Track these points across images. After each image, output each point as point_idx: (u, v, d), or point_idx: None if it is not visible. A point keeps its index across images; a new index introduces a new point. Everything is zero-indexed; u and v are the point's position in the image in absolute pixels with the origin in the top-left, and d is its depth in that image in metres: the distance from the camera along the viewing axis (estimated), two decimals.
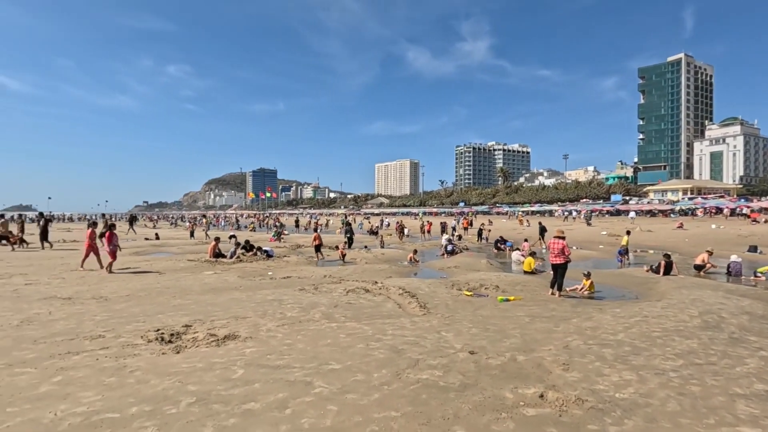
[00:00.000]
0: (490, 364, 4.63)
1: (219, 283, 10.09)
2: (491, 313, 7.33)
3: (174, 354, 4.98)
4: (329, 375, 4.31)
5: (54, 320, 6.45)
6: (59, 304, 7.55)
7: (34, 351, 5.02)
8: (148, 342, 5.40)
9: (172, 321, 6.42)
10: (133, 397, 3.77)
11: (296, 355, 4.94)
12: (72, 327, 6.08)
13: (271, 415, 3.45)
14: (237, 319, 6.53)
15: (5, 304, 7.54)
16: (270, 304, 7.64)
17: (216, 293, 8.84)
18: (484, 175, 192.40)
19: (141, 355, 4.92)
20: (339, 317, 6.78)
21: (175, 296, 8.45)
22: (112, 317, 6.68)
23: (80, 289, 9.00)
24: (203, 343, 5.38)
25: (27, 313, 6.88)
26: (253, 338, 5.58)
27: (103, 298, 8.12)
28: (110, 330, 5.92)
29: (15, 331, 5.83)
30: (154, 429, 3.20)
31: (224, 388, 3.97)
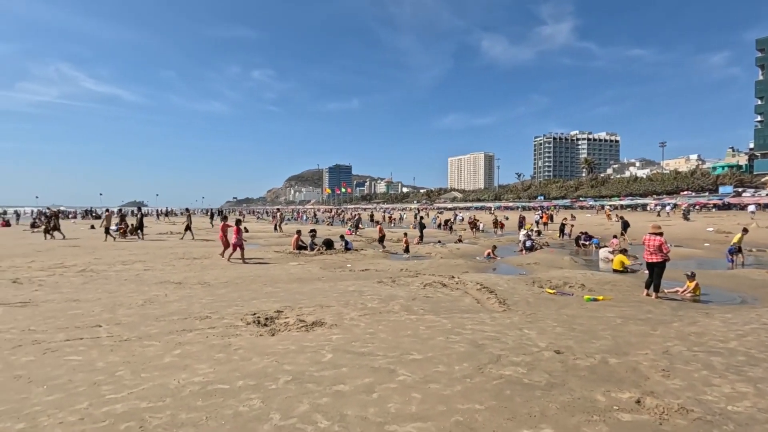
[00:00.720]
0: (578, 365, 4.44)
1: (303, 274, 10.77)
2: (577, 312, 6.96)
3: (269, 336, 5.47)
4: (411, 364, 4.44)
5: (169, 301, 7.40)
6: (172, 288, 8.63)
7: (157, 327, 5.83)
8: (247, 324, 5.98)
9: (266, 306, 7.02)
10: (239, 371, 4.23)
11: (379, 343, 5.15)
12: (184, 308, 6.93)
13: (359, 397, 3.67)
14: (322, 308, 6.95)
15: (131, 286, 8.80)
16: (351, 295, 8.00)
17: (301, 283, 9.46)
18: (565, 166, 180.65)
19: (242, 335, 5.48)
20: (417, 310, 6.90)
21: (266, 284, 9.20)
22: (215, 301, 7.48)
23: (188, 275, 10.17)
24: (294, 328, 5.83)
25: (148, 294, 7.97)
26: (338, 326, 5.92)
27: (206, 284, 9.11)
28: (215, 312, 6.65)
29: (140, 310, 6.80)
30: (258, 401, 3.57)
31: (315, 369, 4.29)
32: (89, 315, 6.43)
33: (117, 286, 8.75)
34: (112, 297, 7.71)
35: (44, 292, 8.07)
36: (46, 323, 5.96)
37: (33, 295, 7.84)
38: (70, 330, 5.63)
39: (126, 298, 7.65)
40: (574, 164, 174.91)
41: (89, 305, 7.05)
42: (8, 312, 6.57)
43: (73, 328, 5.70)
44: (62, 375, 4.13)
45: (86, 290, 8.34)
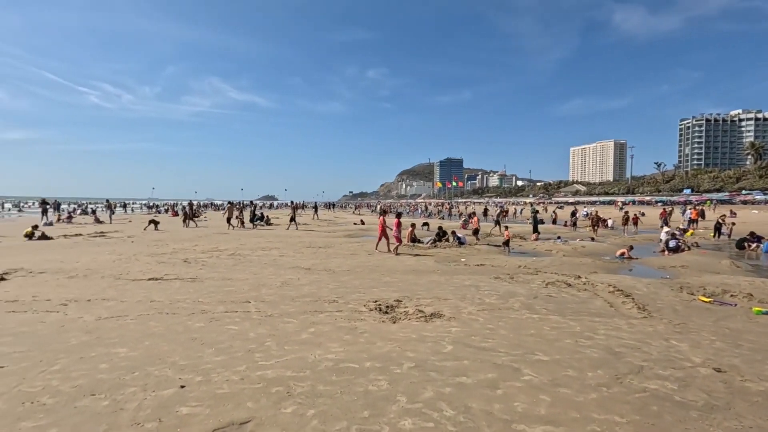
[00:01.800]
0: (749, 389, 3.73)
1: (419, 266, 10.99)
2: (743, 326, 5.84)
3: (391, 323, 5.73)
4: (537, 365, 4.24)
5: (302, 285, 8.24)
6: (303, 273, 9.59)
7: (293, 306, 6.55)
8: (370, 311, 6.35)
9: (385, 295, 7.36)
10: (366, 353, 4.53)
11: (499, 340, 5.02)
12: (314, 291, 7.64)
13: (483, 392, 3.63)
14: (439, 300, 7.02)
15: (270, 269, 10.02)
16: (468, 289, 7.92)
17: (417, 275, 9.67)
18: (722, 153, 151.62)
19: (366, 320, 5.84)
20: (540, 309, 6.53)
21: (384, 274, 9.63)
22: (340, 287, 8.10)
23: (315, 262, 11.18)
24: (413, 317, 6.01)
25: (284, 277, 8.99)
26: (456, 319, 5.92)
27: (331, 271, 9.90)
28: (340, 297, 7.20)
29: (279, 290, 7.71)
30: (385, 383, 3.79)
31: (437, 359, 4.37)
32: (240, 292, 7.51)
33: (259, 269, 10.05)
34: (256, 278, 8.88)
35: (206, 271, 9.67)
36: (210, 296, 7.13)
37: (198, 272, 9.45)
38: (227, 303, 6.65)
39: (267, 279, 8.74)
40: (734, 150, 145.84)
41: (239, 284, 8.23)
42: (183, 285, 8.03)
43: (230, 302, 6.73)
44: (225, 341, 4.91)
45: (236, 271, 9.74)
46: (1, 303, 6.49)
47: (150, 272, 9.37)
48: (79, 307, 6.39)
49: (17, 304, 6.44)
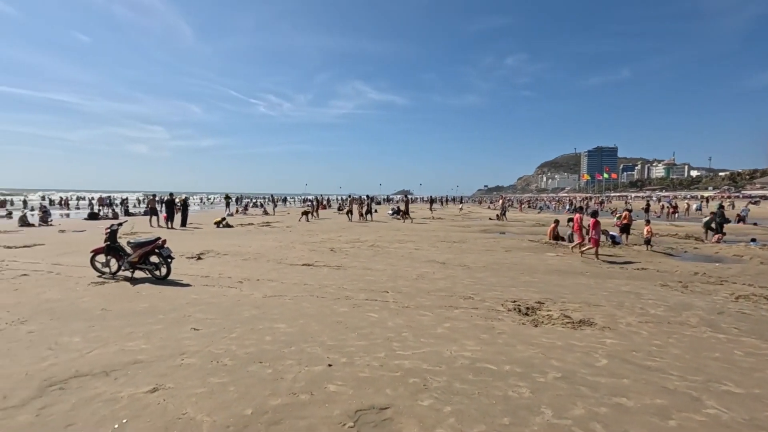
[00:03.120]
0: None
1: (563, 266, 10.02)
2: None
3: (532, 326, 5.32)
4: (726, 397, 3.42)
5: (436, 279, 8.27)
6: (438, 267, 9.62)
7: (428, 300, 6.60)
8: (508, 311, 6.01)
9: (525, 296, 6.88)
10: (504, 356, 4.28)
11: (670, 360, 4.21)
12: (449, 286, 7.59)
13: (648, 419, 3.08)
14: (589, 306, 6.26)
15: (406, 262, 10.32)
16: (626, 296, 6.89)
17: (561, 275, 8.82)
18: None
19: (504, 320, 5.54)
20: (728, 328, 5.29)
21: (523, 273, 9.03)
22: (475, 283, 7.88)
23: (449, 257, 11.13)
24: (558, 322, 5.47)
25: (419, 270, 9.15)
26: (611, 329, 5.19)
27: (466, 267, 9.72)
28: (476, 294, 6.99)
29: (414, 283, 7.87)
30: (527, 391, 3.51)
31: (588, 373, 3.88)
32: (379, 282, 7.91)
33: (396, 260, 10.45)
34: (393, 269, 9.25)
35: (349, 260, 10.47)
36: (352, 284, 7.68)
37: (342, 261, 10.29)
38: (367, 292, 7.07)
39: (403, 271, 9.03)
40: None
41: (378, 274, 8.68)
42: (330, 272, 8.83)
43: (370, 291, 7.13)
44: (366, 327, 5.21)
45: (375, 261, 10.31)
46: (198, 278, 8.08)
47: (303, 258, 10.57)
48: (251, 285, 7.54)
49: (208, 279, 7.94)
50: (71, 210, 38.15)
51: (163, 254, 7.72)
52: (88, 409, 3.17)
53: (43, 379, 3.65)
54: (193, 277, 8.12)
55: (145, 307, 6.01)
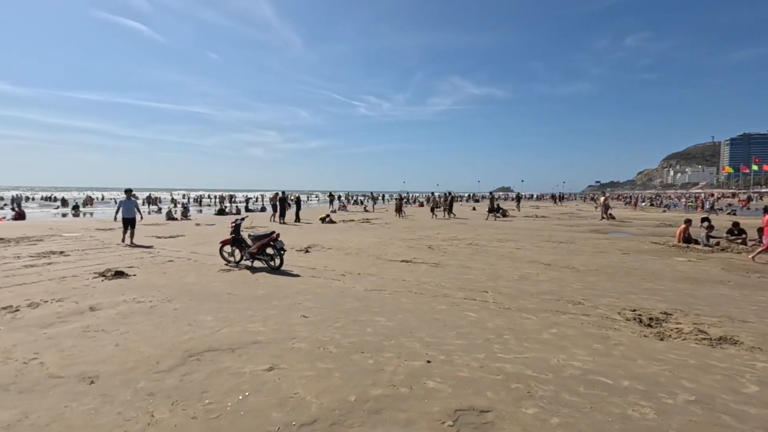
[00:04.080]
0: None
1: (696, 273, 8.66)
2: None
3: (657, 340, 4.69)
4: None
5: (541, 281, 7.77)
6: (542, 268, 9.03)
7: (532, 302, 6.23)
8: (626, 320, 5.39)
9: (647, 305, 6.10)
10: (622, 369, 3.85)
11: None
12: (555, 289, 7.08)
13: None
14: (732, 321, 5.32)
15: (507, 262, 9.89)
16: None
17: (694, 284, 7.63)
18: None
19: (621, 330, 4.99)
20: None
21: (644, 279, 8.02)
22: (586, 288, 7.22)
23: (555, 258, 10.37)
24: (690, 337, 4.74)
25: (521, 271, 8.69)
26: (763, 351, 4.34)
27: (575, 269, 8.96)
28: (587, 299, 6.40)
29: (516, 284, 7.50)
30: (651, 412, 3.11)
31: (732, 399, 3.29)
32: (478, 281, 7.70)
33: (496, 260, 10.06)
34: (493, 269, 8.93)
35: (447, 257, 10.38)
36: (450, 282, 7.60)
37: (440, 258, 10.24)
38: (466, 291, 6.93)
39: (504, 271, 8.66)
40: None
41: (477, 273, 8.45)
42: (428, 269, 8.86)
43: (468, 290, 6.98)
44: (464, 326, 5.12)
45: (474, 260, 10.05)
46: (306, 269, 8.74)
47: (402, 255, 10.76)
48: (353, 278, 7.92)
49: (315, 271, 8.53)
50: (203, 206, 44.17)
51: (277, 247, 8.50)
52: (218, 380, 3.63)
53: (185, 350, 4.28)
54: (302, 268, 8.80)
55: (262, 293, 6.69)
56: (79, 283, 7.16)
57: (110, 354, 4.17)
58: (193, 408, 3.15)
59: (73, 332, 4.77)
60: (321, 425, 2.94)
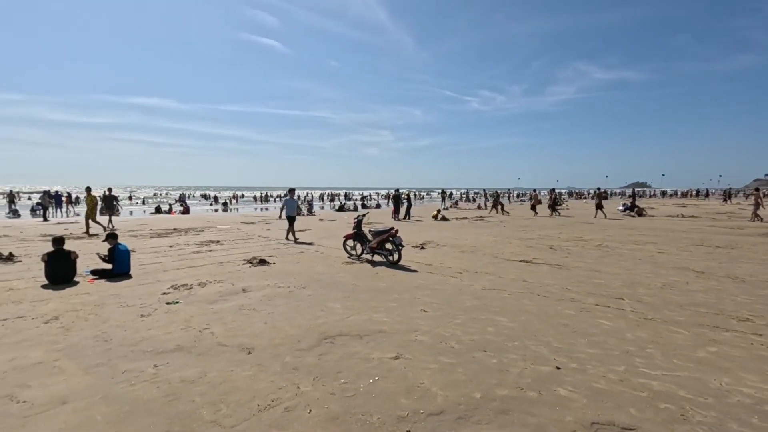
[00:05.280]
0: None
1: None
2: None
3: None
4: None
5: (692, 291, 6.70)
6: (693, 276, 7.78)
7: (682, 315, 5.42)
8: None
9: None
10: None
11: None
12: (712, 302, 6.04)
13: None
14: None
15: (646, 267, 8.74)
16: None
17: None
18: None
19: None
20: None
21: None
22: (755, 302, 6.02)
23: (710, 265, 8.83)
24: None
25: (666, 278, 7.61)
26: None
27: (738, 279, 7.51)
28: (758, 316, 5.34)
29: (659, 292, 6.59)
30: None
31: None
32: (611, 286, 6.97)
33: (632, 265, 8.97)
34: (629, 274, 7.98)
35: (572, 259, 9.59)
36: (578, 286, 7.03)
37: (564, 260, 9.51)
38: (597, 296, 6.34)
39: (643, 277, 7.68)
40: None
41: (609, 277, 7.65)
42: (550, 271, 8.31)
43: (600, 296, 6.38)
44: (598, 334, 4.70)
45: (604, 263, 9.11)
46: (423, 265, 8.92)
47: (520, 254, 10.28)
48: (469, 276, 7.84)
49: (432, 267, 8.66)
50: (325, 203, 47.99)
51: (396, 242, 8.84)
52: (350, 362, 3.95)
53: (320, 333, 4.75)
54: (419, 264, 9.00)
55: (384, 286, 7.04)
56: (232, 268, 8.42)
57: (261, 330, 4.83)
58: (331, 385, 3.49)
59: (232, 309, 5.65)
60: (448, 417, 3.01)
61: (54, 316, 5.29)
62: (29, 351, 4.18)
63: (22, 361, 3.94)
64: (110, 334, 4.64)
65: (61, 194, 29.66)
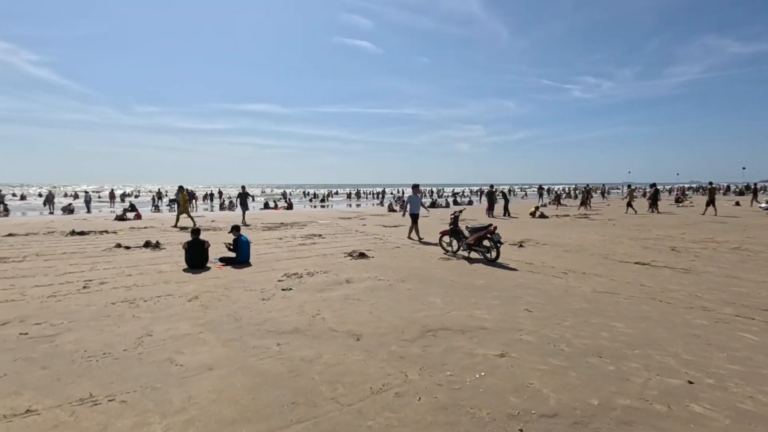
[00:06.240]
0: None
1: None
2: None
3: None
4: None
5: None
6: None
7: None
8: None
9: None
10: None
11: None
12: None
13: None
14: None
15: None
16: None
17: None
18: None
19: None
20: None
21: None
22: None
23: None
24: None
25: None
26: None
27: None
28: None
29: None
30: None
31: None
32: (755, 296, 5.99)
33: None
34: None
35: (701, 263, 8.41)
36: (710, 293, 6.16)
37: (691, 263, 8.39)
38: (737, 306, 5.50)
39: None
40: None
41: (752, 286, 6.57)
42: (674, 275, 7.40)
43: (740, 306, 5.52)
44: (740, 349, 4.09)
45: (744, 269, 7.83)
46: (523, 264, 8.57)
47: (635, 256, 9.31)
48: (576, 277, 7.34)
49: (532, 266, 8.28)
50: None
51: (494, 239, 8.62)
52: (454, 356, 3.99)
53: (422, 326, 4.86)
54: (518, 262, 8.67)
55: (482, 283, 6.93)
56: (335, 260, 8.98)
57: (366, 319, 5.10)
58: (437, 377, 3.56)
59: (339, 298, 6.04)
60: (563, 421, 2.89)
61: (194, 295, 6.19)
62: (179, 323, 4.95)
63: (174, 331, 4.68)
64: (239, 314, 5.29)
65: (193, 191, 34.18)
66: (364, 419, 2.92)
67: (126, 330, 4.71)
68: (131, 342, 4.34)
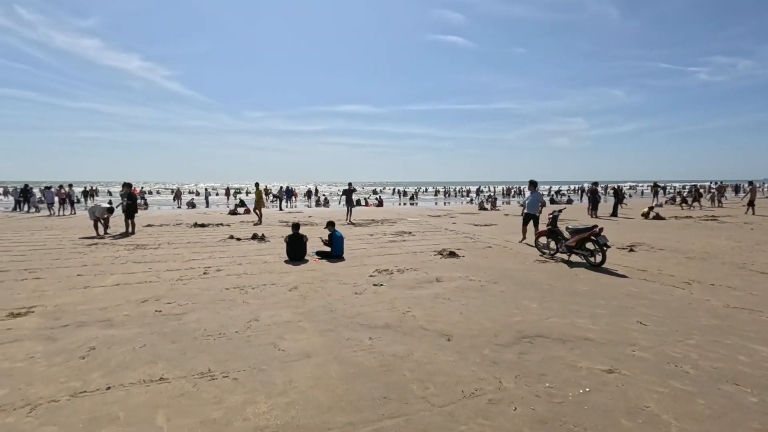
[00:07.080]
0: None
1: None
2: None
3: None
4: None
5: None
6: None
7: None
8: None
9: None
10: None
11: None
12: None
13: None
14: None
15: None
16: None
17: None
18: None
19: None
20: None
21: None
22: None
23: None
24: None
25: None
26: None
27: None
28: None
29: None
30: None
31: None
32: None
33: None
34: None
35: None
36: None
37: None
38: None
39: None
40: None
41: None
42: None
43: None
44: None
45: None
46: (634, 270, 7.67)
47: None
48: (703, 288, 6.36)
49: (646, 274, 7.37)
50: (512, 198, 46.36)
51: (600, 242, 7.85)
52: (554, 367, 3.70)
53: (517, 331, 4.60)
54: (628, 269, 7.79)
55: (585, 290, 6.36)
56: (425, 258, 8.96)
57: (457, 319, 4.99)
58: (535, 387, 3.34)
59: (429, 296, 6.01)
60: None
61: (294, 286, 6.64)
62: (281, 311, 5.35)
63: (277, 318, 5.07)
64: (334, 306, 5.55)
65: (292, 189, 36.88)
66: (456, 423, 2.84)
67: (237, 313, 5.22)
68: (241, 325, 4.80)
